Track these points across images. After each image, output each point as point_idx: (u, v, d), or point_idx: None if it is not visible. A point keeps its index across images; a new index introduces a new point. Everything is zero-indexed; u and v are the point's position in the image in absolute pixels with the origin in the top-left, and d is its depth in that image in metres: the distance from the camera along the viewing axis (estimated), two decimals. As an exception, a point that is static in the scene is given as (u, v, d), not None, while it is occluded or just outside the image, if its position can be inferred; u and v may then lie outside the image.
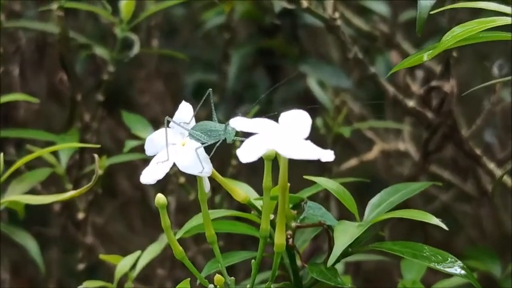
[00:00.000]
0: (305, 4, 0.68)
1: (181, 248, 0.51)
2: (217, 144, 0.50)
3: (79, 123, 0.81)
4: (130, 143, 0.73)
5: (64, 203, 0.80)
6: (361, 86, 1.02)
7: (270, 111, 0.49)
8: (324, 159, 0.44)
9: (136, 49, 0.78)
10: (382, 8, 0.96)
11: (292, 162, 0.47)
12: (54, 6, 0.76)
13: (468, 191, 0.91)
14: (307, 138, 0.46)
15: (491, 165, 0.73)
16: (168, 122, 0.51)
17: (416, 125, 0.92)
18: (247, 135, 0.46)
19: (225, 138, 0.50)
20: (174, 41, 1.15)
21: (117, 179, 1.12)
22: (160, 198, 0.49)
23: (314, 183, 0.60)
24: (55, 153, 0.75)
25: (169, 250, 0.84)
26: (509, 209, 0.93)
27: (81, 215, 0.79)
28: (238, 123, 0.47)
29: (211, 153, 0.50)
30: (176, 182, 0.79)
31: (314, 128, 0.46)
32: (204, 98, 0.53)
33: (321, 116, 0.87)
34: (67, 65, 0.77)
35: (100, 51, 0.82)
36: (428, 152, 0.72)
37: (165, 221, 0.50)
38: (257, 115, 0.50)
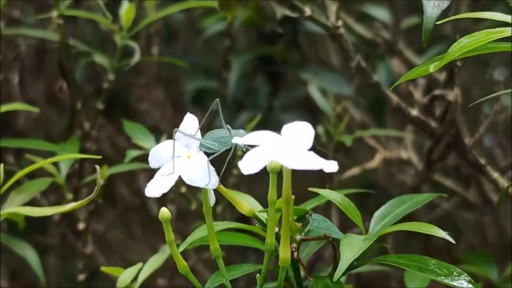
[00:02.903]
0: (308, 12, 0.68)
1: (185, 262, 0.50)
2: (230, 153, 0.50)
3: (79, 131, 0.80)
4: (132, 153, 0.72)
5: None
6: (362, 93, 1.01)
7: (271, 118, 0.49)
8: (327, 170, 0.44)
9: (137, 57, 0.78)
10: (383, 15, 0.96)
11: (293, 173, 0.47)
12: (54, 14, 0.75)
13: (471, 199, 0.91)
14: (310, 149, 0.45)
15: (495, 175, 0.72)
16: (175, 133, 0.50)
17: (419, 133, 0.91)
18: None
19: (237, 145, 0.50)
20: (174, 47, 1.14)
21: (116, 186, 1.11)
22: (164, 212, 0.48)
23: (317, 194, 0.59)
24: (55, 163, 0.74)
25: (170, 260, 0.84)
26: (510, 217, 0.92)
27: (81, 225, 0.78)
28: (241, 138, 0.47)
29: (224, 166, 0.49)
30: (177, 191, 0.79)
31: (315, 136, 0.46)
32: (211, 108, 0.53)
33: (322, 124, 0.87)
34: (67, 73, 0.76)
35: (100, 59, 0.81)
36: (432, 162, 0.72)
37: (169, 235, 0.49)
38: (258, 123, 0.50)
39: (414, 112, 0.71)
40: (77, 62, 0.89)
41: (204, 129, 0.53)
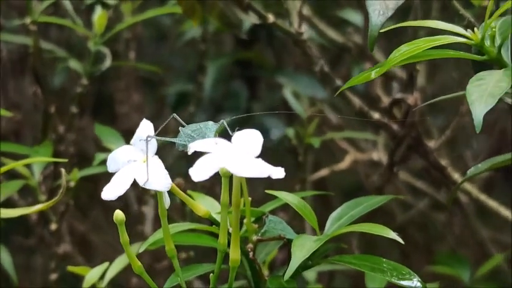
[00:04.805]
0: (271, 19, 0.70)
1: (139, 263, 0.52)
2: None
3: (53, 134, 0.82)
4: (100, 156, 0.74)
5: (40, 212, 0.82)
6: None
7: (250, 121, 0.50)
8: (274, 177, 0.46)
9: (108, 63, 0.79)
10: (356, 18, 0.97)
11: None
12: (28, 20, 0.77)
13: (441, 200, 0.93)
14: (258, 156, 0.47)
15: (456, 176, 0.74)
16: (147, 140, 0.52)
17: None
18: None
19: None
20: (162, 49, 1.15)
21: (100, 185, 1.13)
22: (118, 214, 0.50)
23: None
24: (29, 165, 0.76)
25: (144, 259, 0.86)
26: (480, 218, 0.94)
27: (53, 226, 0.80)
28: (194, 145, 0.48)
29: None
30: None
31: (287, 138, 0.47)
32: (167, 121, 0.54)
33: (293, 127, 0.88)
34: (40, 78, 0.78)
35: (74, 64, 0.83)
36: (394, 163, 0.74)
37: (124, 236, 0.51)
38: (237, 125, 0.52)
39: (376, 115, 0.73)
40: (55, 66, 0.91)
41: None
